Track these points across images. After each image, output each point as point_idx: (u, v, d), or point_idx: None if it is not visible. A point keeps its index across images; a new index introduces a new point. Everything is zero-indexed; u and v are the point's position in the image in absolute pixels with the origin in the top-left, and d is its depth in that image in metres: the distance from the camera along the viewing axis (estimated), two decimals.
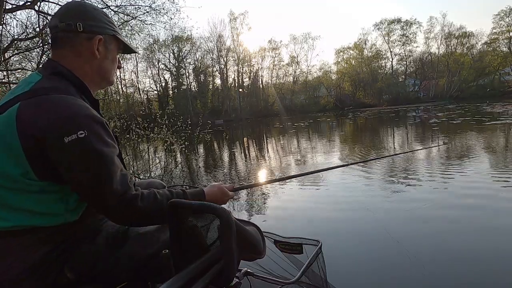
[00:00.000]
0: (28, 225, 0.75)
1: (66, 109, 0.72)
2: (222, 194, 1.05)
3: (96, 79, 0.91)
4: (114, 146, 0.79)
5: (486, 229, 2.42)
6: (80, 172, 0.72)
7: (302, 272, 1.46)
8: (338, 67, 40.01)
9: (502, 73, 34.60)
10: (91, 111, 0.77)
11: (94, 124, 0.75)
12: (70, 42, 0.85)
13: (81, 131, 0.71)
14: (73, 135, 0.70)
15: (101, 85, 0.96)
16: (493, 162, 4.75)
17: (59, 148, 0.70)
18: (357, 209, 3.11)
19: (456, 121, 11.68)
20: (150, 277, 0.92)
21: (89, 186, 0.73)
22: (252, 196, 3.99)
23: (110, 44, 0.91)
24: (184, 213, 0.84)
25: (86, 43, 0.86)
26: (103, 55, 0.89)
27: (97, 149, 0.73)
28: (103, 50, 0.89)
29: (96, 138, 0.74)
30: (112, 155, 0.76)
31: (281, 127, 17.81)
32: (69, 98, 0.76)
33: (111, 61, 0.93)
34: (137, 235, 0.93)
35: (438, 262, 1.97)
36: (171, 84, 35.64)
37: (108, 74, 0.93)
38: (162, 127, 5.48)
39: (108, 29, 0.90)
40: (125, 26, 8.67)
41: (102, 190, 0.73)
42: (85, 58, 0.86)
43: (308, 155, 6.98)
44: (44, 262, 0.76)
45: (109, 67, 0.93)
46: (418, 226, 2.56)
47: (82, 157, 0.72)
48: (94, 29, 0.86)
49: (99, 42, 0.87)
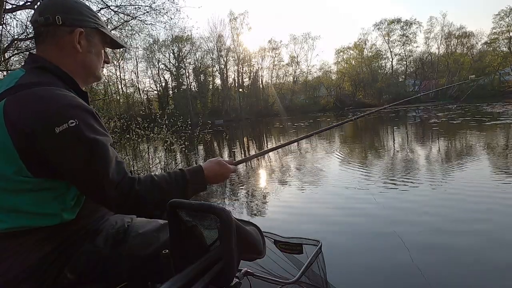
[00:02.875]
0: (25, 226, 0.74)
1: (53, 101, 0.71)
2: (222, 168, 1.01)
3: (81, 73, 0.89)
4: (107, 135, 0.78)
5: (487, 230, 2.42)
6: (74, 161, 0.71)
7: (302, 272, 1.46)
8: (338, 67, 39.98)
9: (502, 73, 34.57)
10: (80, 101, 0.76)
11: (84, 113, 0.74)
12: (50, 36, 0.83)
13: (72, 120, 0.70)
14: (64, 125, 0.69)
15: (87, 80, 0.93)
16: (492, 161, 4.75)
17: (50, 139, 0.69)
18: (358, 209, 3.11)
19: (456, 121, 11.68)
20: (150, 277, 0.92)
21: (85, 174, 0.72)
22: (252, 196, 3.99)
23: (93, 37, 0.89)
24: (184, 213, 0.84)
25: (67, 36, 0.83)
26: (85, 49, 0.87)
27: (90, 137, 0.72)
28: (86, 43, 0.87)
29: (88, 126, 0.73)
30: (105, 143, 0.75)
31: (281, 127, 17.80)
32: (55, 89, 0.74)
33: (95, 55, 0.90)
34: (137, 235, 0.93)
35: (439, 263, 1.97)
36: (171, 84, 35.64)
37: (93, 69, 0.91)
38: (162, 127, 5.48)
39: (90, 21, 0.87)
40: (125, 26, 8.67)
41: (98, 178, 0.72)
42: (67, 52, 0.84)
43: (308, 155, 6.97)
44: (44, 263, 0.76)
45: (93, 61, 0.90)
46: (419, 226, 2.56)
47: (75, 145, 0.70)
48: (75, 22, 0.84)
49: (80, 35, 0.84)
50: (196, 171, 0.93)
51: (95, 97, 9.00)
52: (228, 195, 4.14)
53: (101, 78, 0.97)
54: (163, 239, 0.92)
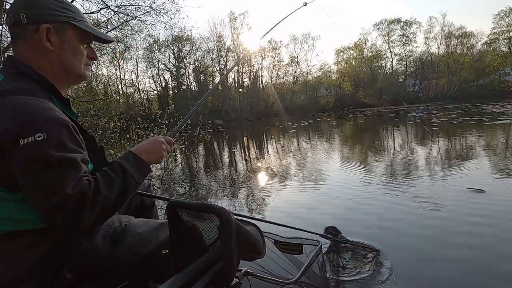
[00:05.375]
0: (16, 230, 0.73)
1: (25, 112, 0.67)
2: (154, 142, 0.92)
3: (59, 74, 0.83)
4: (78, 151, 0.72)
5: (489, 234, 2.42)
6: (30, 176, 0.65)
7: (302, 272, 1.47)
8: (338, 67, 39.99)
9: (502, 73, 34.56)
10: (55, 113, 0.70)
11: (56, 126, 0.68)
12: (20, 37, 0.78)
13: (40, 134, 0.65)
14: (30, 137, 0.64)
15: (68, 80, 0.87)
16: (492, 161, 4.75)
17: (13, 151, 0.64)
18: (358, 208, 3.11)
19: (456, 121, 11.68)
20: (150, 277, 0.92)
21: (37, 193, 0.65)
22: (252, 196, 3.99)
23: (64, 32, 0.81)
24: (184, 213, 0.85)
25: (34, 35, 0.77)
26: (58, 46, 0.80)
27: (53, 155, 0.65)
28: (57, 40, 0.79)
29: (56, 142, 0.67)
30: (71, 161, 0.68)
31: (281, 127, 17.80)
32: (30, 99, 0.69)
33: (71, 52, 0.82)
34: (136, 234, 0.93)
35: (443, 264, 1.97)
36: (171, 84, 35.64)
37: (71, 67, 0.84)
38: (162, 127, 5.48)
39: (59, 15, 0.79)
40: (125, 26, 8.69)
41: (46, 198, 0.65)
42: (39, 51, 0.78)
43: (308, 155, 6.97)
44: (41, 263, 0.76)
45: (69, 59, 0.82)
46: (421, 225, 2.56)
47: (35, 160, 0.64)
48: (39, 17, 0.77)
49: (47, 31, 0.78)
50: (126, 157, 0.84)
51: (95, 97, 9.00)
52: (228, 195, 4.14)
53: (87, 77, 0.89)
54: (162, 238, 0.92)
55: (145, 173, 0.85)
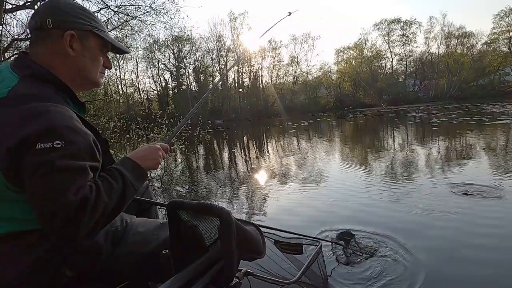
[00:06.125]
0: (17, 230, 0.74)
1: (48, 119, 0.68)
2: (149, 148, 0.94)
3: (76, 79, 0.85)
4: (91, 160, 0.73)
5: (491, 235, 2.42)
6: (38, 178, 0.65)
7: (302, 272, 1.47)
8: (338, 67, 40.02)
9: (502, 73, 34.56)
10: (76, 124, 0.72)
11: (76, 137, 0.70)
12: (43, 40, 0.81)
13: (58, 142, 0.66)
14: (49, 143, 0.65)
15: (83, 86, 0.90)
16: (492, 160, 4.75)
17: (28, 153, 0.65)
18: (358, 208, 3.12)
19: (456, 121, 11.69)
20: (150, 277, 0.92)
21: (40, 195, 0.65)
22: (252, 196, 3.99)
23: (87, 40, 0.84)
24: (184, 213, 0.85)
25: (58, 39, 0.80)
26: (79, 53, 0.83)
27: (67, 161, 0.66)
28: (79, 46, 0.82)
29: (72, 151, 0.68)
30: (81, 168, 0.69)
31: (281, 127, 17.80)
32: (53, 107, 0.71)
33: (90, 59, 0.86)
34: (137, 233, 0.93)
35: (447, 266, 1.97)
36: (171, 84, 35.70)
37: (87, 74, 0.86)
38: (162, 127, 5.48)
39: (84, 24, 0.83)
40: (125, 26, 8.69)
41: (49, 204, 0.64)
42: (60, 56, 0.81)
43: (308, 155, 6.97)
44: (40, 263, 0.76)
45: (87, 65, 0.86)
46: (421, 226, 2.56)
47: (47, 164, 0.65)
48: (66, 24, 0.80)
49: (71, 38, 0.81)
50: (122, 161, 0.85)
51: (95, 97, 9.00)
52: (228, 195, 4.14)
53: (101, 85, 0.92)
54: (162, 238, 0.92)
55: (142, 180, 0.86)
